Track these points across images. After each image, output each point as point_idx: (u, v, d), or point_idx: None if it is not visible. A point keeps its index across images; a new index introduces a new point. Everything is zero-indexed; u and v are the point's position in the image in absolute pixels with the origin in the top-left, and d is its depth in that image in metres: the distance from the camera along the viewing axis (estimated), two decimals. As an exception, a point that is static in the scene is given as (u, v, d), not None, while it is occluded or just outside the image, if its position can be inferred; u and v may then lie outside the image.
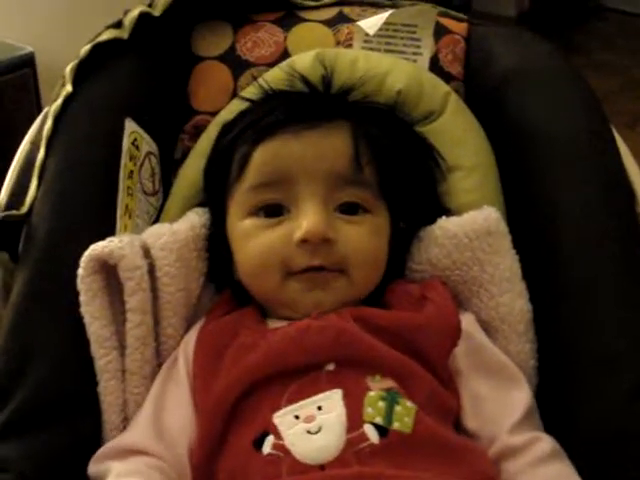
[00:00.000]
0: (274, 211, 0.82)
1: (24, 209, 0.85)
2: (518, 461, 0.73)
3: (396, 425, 0.70)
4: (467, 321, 0.82)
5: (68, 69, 0.92)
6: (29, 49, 2.02)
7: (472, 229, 0.85)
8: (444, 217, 0.87)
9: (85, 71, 0.93)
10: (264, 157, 0.83)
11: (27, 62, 2.02)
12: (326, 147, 0.83)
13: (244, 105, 0.95)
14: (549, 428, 0.78)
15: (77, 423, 0.76)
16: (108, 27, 0.97)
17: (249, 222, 0.83)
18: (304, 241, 0.78)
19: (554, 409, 0.80)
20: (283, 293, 0.81)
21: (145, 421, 0.77)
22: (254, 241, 0.82)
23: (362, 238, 0.81)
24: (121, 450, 0.75)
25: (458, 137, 0.95)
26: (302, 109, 0.86)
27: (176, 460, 0.75)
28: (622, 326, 0.79)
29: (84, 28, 0.98)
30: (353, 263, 0.80)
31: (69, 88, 0.91)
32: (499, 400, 0.78)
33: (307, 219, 0.79)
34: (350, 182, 0.82)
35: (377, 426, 0.69)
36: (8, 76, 1.94)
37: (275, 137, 0.83)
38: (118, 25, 0.97)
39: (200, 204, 0.92)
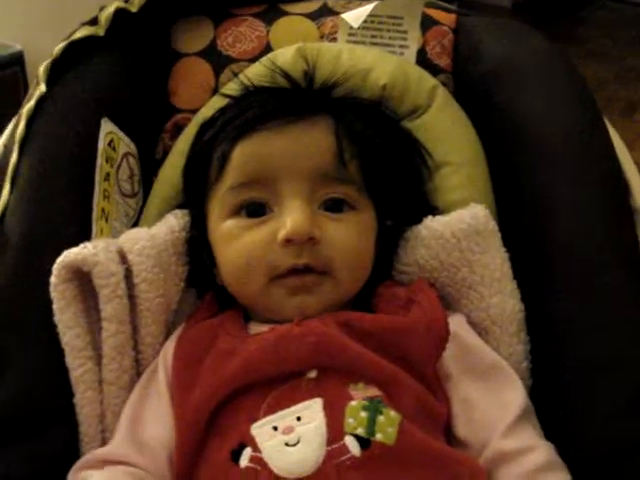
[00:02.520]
0: (256, 210, 0.80)
1: (-3, 214, 0.82)
2: (512, 470, 0.70)
3: (378, 436, 0.67)
4: (456, 323, 0.79)
5: (41, 68, 0.89)
6: (18, 47, 2.01)
7: (459, 228, 0.82)
8: (430, 216, 0.85)
9: (59, 70, 0.89)
10: (244, 155, 0.80)
11: (16, 60, 2.02)
12: (308, 143, 0.80)
13: (225, 102, 0.92)
14: (544, 432, 0.74)
15: (53, 436, 0.74)
16: (83, 24, 0.93)
17: (231, 223, 0.80)
18: (288, 240, 0.75)
19: (549, 413, 0.77)
20: (268, 297, 0.78)
21: (123, 432, 0.75)
22: (237, 243, 0.79)
23: (347, 236, 0.79)
24: (100, 460, 0.73)
25: (446, 132, 0.92)
26: (283, 104, 0.83)
27: (158, 471, 0.73)
28: (622, 326, 0.76)
29: (74, 26, 0.95)
30: (338, 263, 0.78)
31: (42, 88, 0.87)
32: (491, 403, 0.75)
33: (291, 218, 0.76)
34: (334, 178, 0.80)
35: (358, 437, 0.66)
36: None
37: (255, 134, 0.80)
38: (94, 22, 0.93)
39: (180, 205, 0.90)
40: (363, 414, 0.68)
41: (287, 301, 0.77)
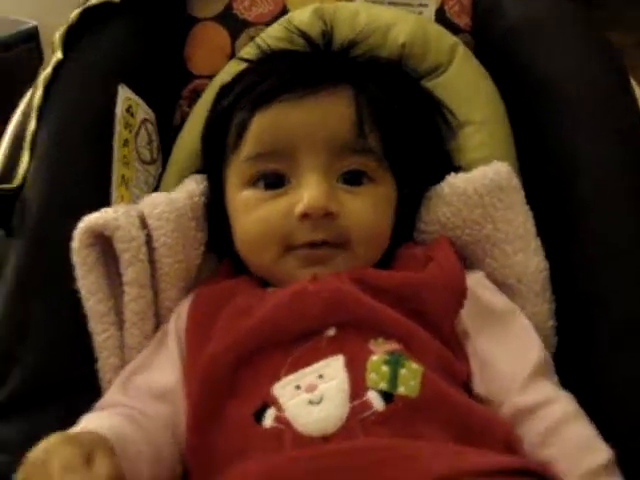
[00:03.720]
0: (274, 182, 0.79)
1: (16, 182, 0.81)
2: (534, 425, 0.69)
3: (401, 390, 0.66)
4: (474, 280, 0.78)
5: (57, 35, 0.88)
6: (33, 23, 2.00)
7: (482, 184, 0.80)
8: (453, 173, 0.83)
9: (75, 37, 0.89)
10: (262, 126, 0.79)
11: (31, 36, 2.00)
12: (328, 114, 0.79)
13: (242, 67, 0.91)
14: (569, 389, 0.73)
15: (77, 402, 0.73)
16: (98, -10, 0.93)
17: (248, 193, 0.80)
18: (305, 215, 0.75)
19: (574, 371, 0.76)
20: (280, 268, 0.78)
21: (115, 385, 0.74)
22: (253, 214, 0.79)
23: (365, 211, 0.78)
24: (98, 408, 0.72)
25: (467, 90, 0.91)
26: (302, 72, 0.82)
27: (153, 420, 0.71)
28: None
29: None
30: (355, 238, 0.77)
31: (59, 55, 0.87)
32: (507, 359, 0.73)
33: (308, 192, 0.75)
34: (354, 150, 0.79)
35: (382, 392, 0.66)
36: (13, 51, 1.93)
37: (274, 104, 0.79)
38: (109, -12, 0.93)
39: (199, 171, 0.89)
40: (385, 368, 0.67)
41: (300, 272, 0.76)
